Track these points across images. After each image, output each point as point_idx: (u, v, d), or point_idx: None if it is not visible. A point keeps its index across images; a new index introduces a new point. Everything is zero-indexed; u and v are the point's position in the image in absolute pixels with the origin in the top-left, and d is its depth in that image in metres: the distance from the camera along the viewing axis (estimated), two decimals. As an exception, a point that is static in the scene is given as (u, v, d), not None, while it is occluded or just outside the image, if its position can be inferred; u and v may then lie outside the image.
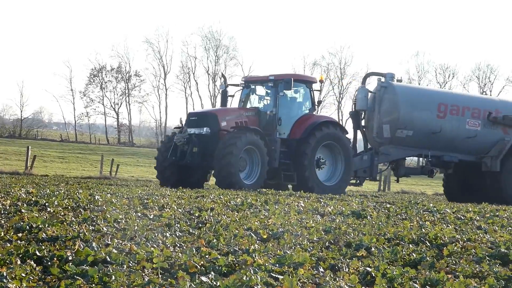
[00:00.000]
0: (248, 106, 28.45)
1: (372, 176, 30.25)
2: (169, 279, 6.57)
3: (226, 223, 11.20)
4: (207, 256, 7.77)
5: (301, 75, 28.41)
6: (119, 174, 47.87)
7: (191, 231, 10.25)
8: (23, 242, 8.35)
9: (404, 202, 20.95)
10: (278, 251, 8.48)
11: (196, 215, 12.53)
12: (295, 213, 13.81)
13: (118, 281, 6.23)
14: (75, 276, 6.41)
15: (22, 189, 16.71)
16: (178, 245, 8.71)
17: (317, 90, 29.11)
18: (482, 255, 9.05)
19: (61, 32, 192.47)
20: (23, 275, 6.21)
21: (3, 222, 10.17)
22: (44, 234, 9.07)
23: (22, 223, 9.85)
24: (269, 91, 28.05)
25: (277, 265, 7.47)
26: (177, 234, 9.75)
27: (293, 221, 12.14)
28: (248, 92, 28.81)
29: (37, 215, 10.91)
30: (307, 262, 7.71)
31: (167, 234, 9.64)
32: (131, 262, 7.34)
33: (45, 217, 10.81)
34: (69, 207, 12.67)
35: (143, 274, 6.67)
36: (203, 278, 6.27)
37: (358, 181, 30.65)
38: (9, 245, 7.95)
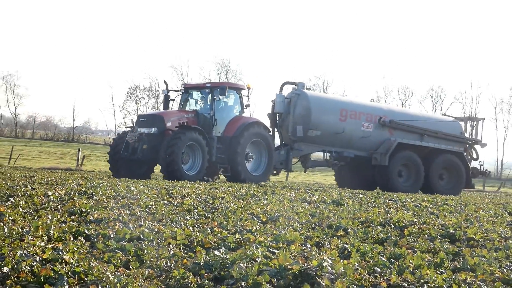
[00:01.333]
0: (187, 109, 27.61)
1: (288, 167, 29.77)
2: (189, 253, 6.58)
3: (234, 209, 11.21)
4: (219, 235, 7.77)
5: (233, 83, 27.98)
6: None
7: (206, 215, 10.26)
8: (75, 223, 8.36)
9: (374, 193, 20.93)
10: (275, 231, 8.48)
11: (210, 202, 12.53)
12: (288, 201, 13.82)
13: (149, 254, 6.23)
14: (116, 250, 6.41)
15: (74, 182, 16.70)
16: (196, 226, 8.71)
17: (245, 96, 28.36)
18: (434, 235, 9.06)
19: (105, 59, 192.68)
20: (75, 249, 6.21)
21: (59, 207, 10.16)
22: (91, 217, 9.08)
23: (74, 208, 9.85)
24: (205, 96, 27.43)
25: (274, 242, 7.46)
26: (195, 217, 9.76)
27: (286, 207, 12.15)
28: (187, 97, 27.99)
29: (85, 202, 10.91)
30: (297, 240, 7.70)
31: (188, 217, 9.64)
32: (159, 239, 7.33)
33: (92, 203, 10.81)
34: (111, 196, 12.67)
35: (169, 248, 6.67)
36: (216, 252, 6.26)
37: (276, 172, 29.94)
38: (64, 225, 7.95)
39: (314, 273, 5.59)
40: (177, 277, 5.44)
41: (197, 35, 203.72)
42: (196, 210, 10.79)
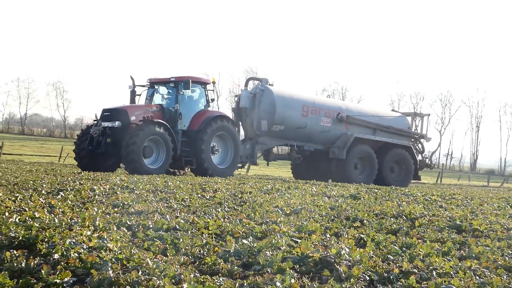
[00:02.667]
0: (153, 103, 25.45)
1: (253, 161, 28.31)
2: (220, 241, 6.59)
3: (260, 202, 11.21)
4: (247, 225, 7.78)
5: (197, 77, 26.04)
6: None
7: (235, 207, 10.27)
8: (118, 214, 8.41)
9: (388, 188, 20.81)
10: (297, 222, 8.47)
11: (239, 196, 12.54)
12: (309, 195, 13.79)
13: (184, 243, 6.25)
14: (154, 239, 6.44)
15: (117, 177, 16.80)
16: (226, 217, 8.73)
17: (210, 90, 26.43)
18: (443, 226, 9.00)
19: (142, 67, 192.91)
20: (118, 238, 6.25)
21: (104, 200, 10.23)
22: (132, 209, 9.13)
23: (117, 201, 9.91)
24: (170, 91, 25.44)
25: (296, 232, 7.46)
26: (226, 210, 9.77)
27: (308, 201, 12.13)
28: (153, 91, 25.91)
29: (127, 196, 10.97)
30: (318, 230, 7.70)
31: (219, 210, 9.66)
32: (193, 229, 7.36)
33: (133, 197, 10.87)
34: (150, 190, 12.73)
35: (202, 237, 6.69)
36: (244, 241, 6.28)
37: (241, 165, 28.71)
38: (108, 216, 8.00)
39: (333, 260, 5.60)
40: (210, 263, 5.47)
41: (227, 44, 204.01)
42: (227, 203, 10.80)
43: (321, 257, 5.66)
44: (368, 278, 5.27)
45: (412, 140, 31.81)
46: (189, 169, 25.59)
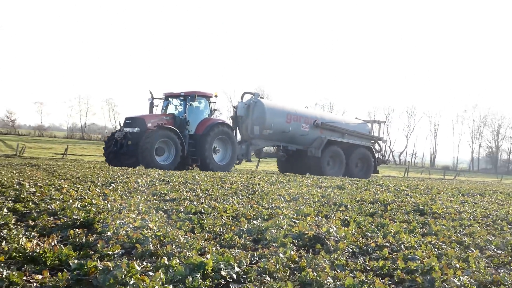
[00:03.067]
0: (167, 112, 25.40)
1: (248, 158, 27.83)
2: (235, 222, 6.59)
3: (267, 191, 11.21)
4: (256, 210, 7.78)
5: (202, 91, 25.72)
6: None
7: (247, 196, 10.26)
8: (156, 201, 8.42)
9: (366, 181, 20.76)
10: (296, 207, 8.46)
11: (250, 187, 12.54)
12: (305, 186, 13.78)
13: (208, 223, 6.26)
14: (185, 220, 6.45)
15: (156, 172, 16.83)
16: (241, 203, 8.73)
17: (213, 102, 26.06)
18: (409, 210, 8.98)
19: (169, 82, 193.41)
20: (156, 219, 6.26)
21: (145, 190, 10.25)
22: (167, 197, 9.14)
23: (156, 191, 9.92)
24: (181, 103, 25.39)
25: (295, 215, 7.46)
26: (240, 197, 9.77)
27: (304, 190, 12.12)
28: (167, 103, 25.80)
29: (164, 186, 10.99)
30: (312, 213, 7.69)
31: (234, 197, 9.66)
32: (215, 212, 7.36)
33: (168, 187, 10.89)
34: (181, 182, 12.75)
35: (221, 219, 6.69)
36: (255, 222, 6.27)
37: (238, 161, 27.95)
38: (149, 203, 8.02)
39: (323, 236, 5.59)
40: (227, 239, 5.47)
41: (240, 66, 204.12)
42: (241, 192, 10.81)
43: (314, 234, 5.65)
44: (351, 250, 5.27)
45: (372, 141, 31.91)
46: (195, 165, 25.41)
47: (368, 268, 4.65)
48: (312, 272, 4.09)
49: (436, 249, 5.49)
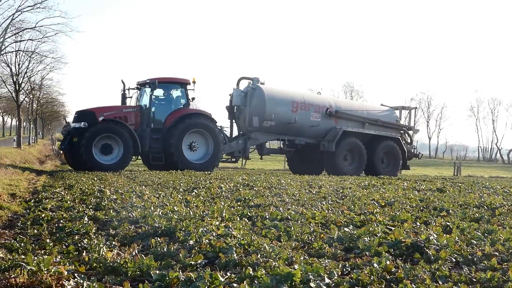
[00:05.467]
0: (142, 104, 22.72)
1: (246, 155, 25.29)
2: (325, 229, 6.53)
3: (359, 196, 11.05)
4: (347, 216, 7.68)
5: (175, 77, 23.03)
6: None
7: (337, 201, 10.16)
8: (240, 207, 8.49)
9: (470, 181, 20.03)
10: (391, 212, 8.29)
11: (341, 191, 12.42)
12: (401, 190, 13.49)
13: (295, 230, 6.23)
14: (270, 227, 6.46)
15: (240, 177, 17.01)
16: (330, 209, 8.65)
17: (191, 90, 22.96)
18: (520, 215, 8.58)
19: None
20: (241, 227, 6.31)
21: (229, 196, 10.37)
22: (252, 202, 9.20)
23: (240, 196, 10.02)
24: (149, 92, 22.43)
25: (390, 221, 7.30)
26: (329, 203, 9.69)
27: (400, 194, 11.86)
28: (140, 93, 23.19)
29: (248, 192, 11.08)
30: (409, 219, 7.49)
31: (323, 203, 9.59)
32: (302, 219, 7.33)
33: (252, 193, 10.96)
34: (266, 187, 12.81)
35: (310, 226, 6.65)
36: (346, 229, 6.19)
37: (235, 160, 25.84)
38: (232, 209, 8.10)
39: (422, 244, 5.44)
40: (316, 247, 5.42)
41: (329, 62, 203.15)
42: (330, 197, 10.71)
43: (412, 242, 5.50)
44: (454, 260, 5.08)
45: (401, 132, 28.76)
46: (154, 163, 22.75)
47: (474, 280, 4.46)
48: (410, 284, 3.98)
49: (553, 259, 5.19)
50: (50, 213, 7.45)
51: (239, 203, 9.21)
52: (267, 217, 7.36)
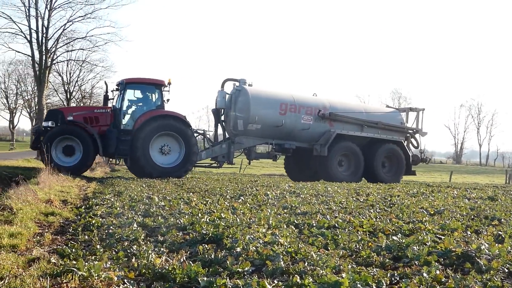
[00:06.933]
0: (115, 104, 22.17)
1: (230, 160, 24.08)
2: (373, 238, 6.47)
3: (407, 204, 10.90)
4: (396, 224, 7.58)
5: (149, 78, 22.05)
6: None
7: (385, 209, 10.05)
8: (287, 215, 8.48)
9: (522, 190, 19.54)
10: (441, 221, 8.14)
11: (389, 199, 12.27)
12: (451, 198, 13.26)
13: (342, 238, 6.19)
14: (317, 235, 6.43)
15: (286, 184, 17.00)
16: (378, 217, 8.55)
17: (166, 91, 21.99)
18: None
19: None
20: (287, 234, 6.30)
21: (275, 203, 10.37)
22: (299, 210, 9.18)
23: (286, 204, 10.01)
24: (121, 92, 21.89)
25: (440, 230, 7.17)
26: (377, 211, 9.59)
27: (450, 202, 11.65)
28: (118, 94, 22.37)
29: (294, 199, 11.06)
30: (459, 228, 7.34)
31: (371, 211, 9.50)
32: (350, 227, 7.27)
33: (299, 200, 10.94)
34: (313, 194, 12.76)
35: (357, 234, 6.59)
36: (394, 237, 6.12)
37: (219, 165, 24.54)
38: (279, 216, 8.10)
39: (473, 254, 5.33)
40: (364, 256, 5.37)
41: (376, 70, 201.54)
42: (378, 205, 10.60)
43: (463, 251, 5.40)
44: (507, 270, 4.96)
45: (407, 135, 27.37)
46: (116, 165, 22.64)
47: (528, 291, 4.34)
48: (461, 295, 3.90)
49: None
50: (100, 219, 7.59)
51: (285, 210, 9.21)
52: (314, 224, 7.33)
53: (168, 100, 22.21)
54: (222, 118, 24.93)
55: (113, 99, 22.69)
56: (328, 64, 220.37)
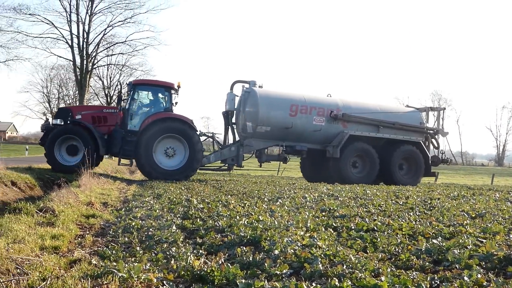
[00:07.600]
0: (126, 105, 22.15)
1: (238, 163, 23.77)
2: (412, 241, 6.40)
3: (448, 207, 10.75)
4: (436, 227, 7.48)
5: (159, 80, 22.27)
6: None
7: (425, 212, 9.92)
8: (325, 218, 8.45)
9: None
10: (482, 224, 8.00)
11: (429, 202, 12.12)
12: (493, 201, 13.02)
13: (381, 242, 6.14)
14: (356, 238, 6.38)
15: (324, 187, 16.93)
16: (418, 220, 8.45)
17: (175, 94, 22.03)
18: None
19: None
20: (326, 237, 6.28)
21: (313, 206, 10.33)
22: (337, 213, 9.13)
23: (324, 207, 9.97)
24: (135, 94, 21.97)
25: (481, 233, 7.05)
26: (417, 214, 9.47)
27: (491, 205, 11.44)
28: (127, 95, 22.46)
29: (333, 202, 11.01)
30: (502, 231, 7.20)
31: (411, 213, 9.39)
32: (389, 230, 7.20)
33: (337, 203, 10.88)
34: (351, 197, 12.69)
35: (397, 237, 6.52)
36: (434, 241, 6.03)
37: (228, 167, 24.53)
38: (317, 219, 8.07)
39: (516, 258, 5.22)
40: (404, 259, 5.32)
41: (416, 72, 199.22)
42: (418, 208, 10.48)
43: (505, 255, 5.29)
44: (551, 275, 4.84)
45: (427, 135, 26.54)
46: (120, 165, 22.72)
47: None
48: (503, 300, 3.83)
49: None
50: (140, 221, 7.68)
51: (323, 213, 9.17)
52: (353, 227, 7.29)
53: (176, 103, 22.22)
54: (233, 120, 24.74)
55: (126, 99, 22.77)
56: (363, 66, 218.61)
